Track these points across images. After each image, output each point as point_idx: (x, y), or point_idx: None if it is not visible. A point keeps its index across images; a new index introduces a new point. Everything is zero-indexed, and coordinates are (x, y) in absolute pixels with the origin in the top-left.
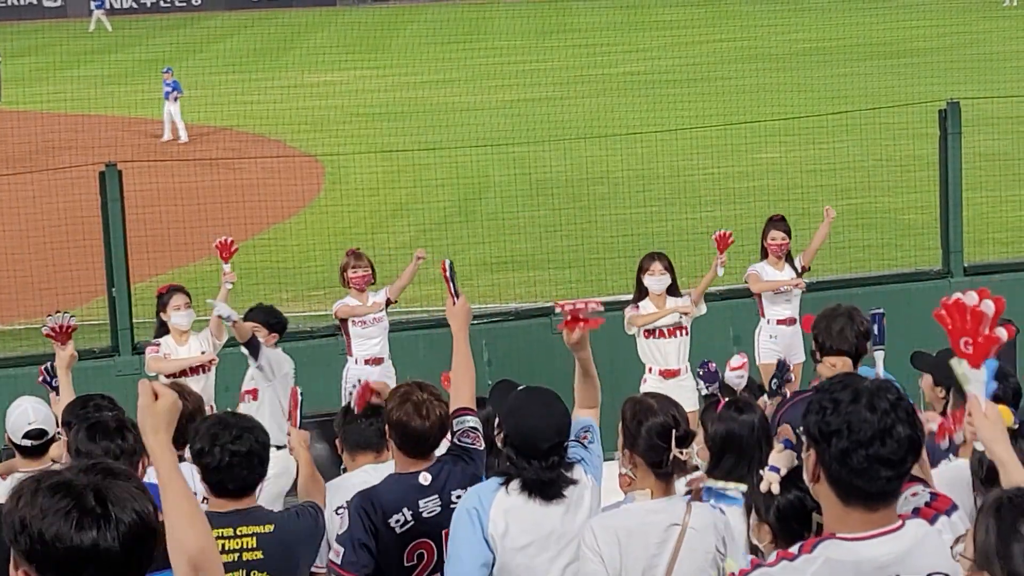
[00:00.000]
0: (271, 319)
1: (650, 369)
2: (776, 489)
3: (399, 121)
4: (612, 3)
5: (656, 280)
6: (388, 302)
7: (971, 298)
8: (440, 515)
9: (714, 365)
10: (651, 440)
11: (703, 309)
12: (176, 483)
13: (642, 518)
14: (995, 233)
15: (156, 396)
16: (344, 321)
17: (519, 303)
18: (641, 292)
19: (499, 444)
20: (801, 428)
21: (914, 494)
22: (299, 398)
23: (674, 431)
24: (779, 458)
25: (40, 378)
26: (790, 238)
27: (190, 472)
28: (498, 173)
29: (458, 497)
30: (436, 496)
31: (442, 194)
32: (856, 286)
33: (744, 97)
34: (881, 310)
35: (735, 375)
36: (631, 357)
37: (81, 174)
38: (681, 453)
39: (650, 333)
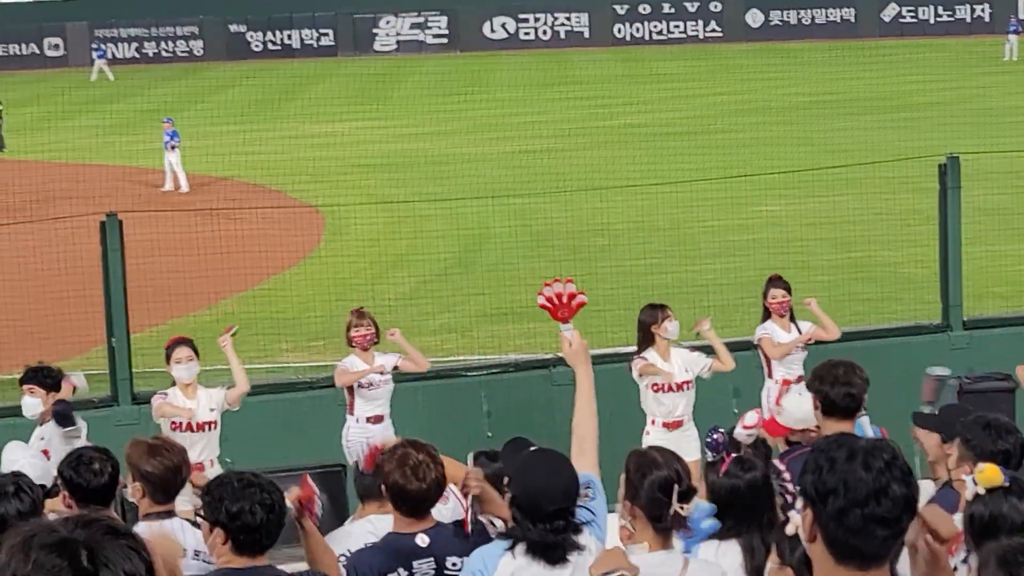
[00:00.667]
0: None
1: (653, 420)
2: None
3: (399, 172)
4: (612, 55)
5: (674, 324)
6: (395, 368)
7: None
8: None
9: (721, 436)
10: (653, 493)
11: (708, 374)
12: None
13: (640, 572)
14: (994, 287)
15: None
16: None
17: (519, 354)
18: (647, 341)
19: (507, 505)
20: (798, 487)
21: None
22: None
23: (676, 486)
24: None
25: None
26: (790, 295)
27: (180, 527)
28: (498, 224)
29: (453, 564)
30: (432, 559)
31: (442, 245)
32: (855, 339)
33: (744, 150)
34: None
35: (745, 433)
36: (631, 410)
37: (82, 224)
38: (682, 508)
39: (659, 388)
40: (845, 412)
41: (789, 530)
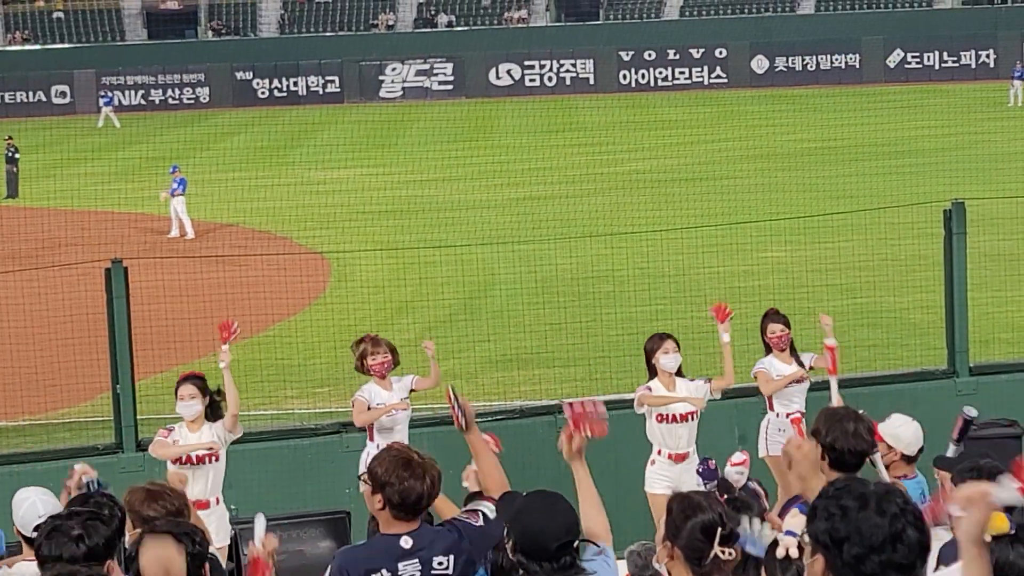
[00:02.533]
0: None
1: (659, 451)
2: (795, 553)
3: (405, 218)
4: (617, 102)
5: (670, 358)
6: (411, 390)
7: None
8: None
9: (714, 463)
10: (694, 535)
11: (717, 394)
12: None
13: None
14: (1001, 333)
15: None
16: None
17: (524, 401)
18: (652, 371)
19: (509, 554)
20: (805, 534)
21: None
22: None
23: (720, 530)
24: (795, 523)
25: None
26: (789, 329)
27: None
28: (504, 270)
29: (440, 563)
30: (416, 560)
31: (448, 291)
32: (861, 385)
33: (749, 196)
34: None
35: (735, 471)
36: (636, 457)
37: (87, 270)
38: (723, 552)
39: (663, 418)
40: (853, 467)
41: (780, 552)
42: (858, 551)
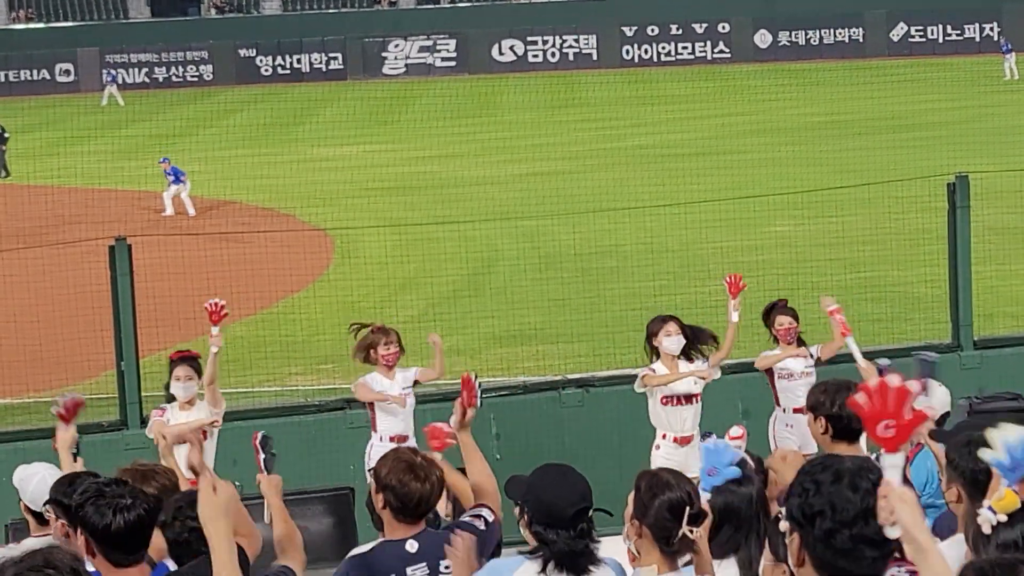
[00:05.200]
0: None
1: (664, 435)
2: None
3: (408, 195)
4: (620, 77)
5: (672, 340)
6: (415, 382)
7: (894, 379)
8: None
9: (714, 437)
10: (661, 514)
11: (717, 373)
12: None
13: None
14: (1005, 307)
15: (215, 489)
16: None
17: (528, 377)
18: (655, 352)
19: (523, 529)
20: (783, 512)
21: None
22: (259, 443)
23: (688, 508)
24: None
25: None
26: (797, 322)
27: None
28: (507, 247)
29: (446, 567)
30: (424, 564)
31: (451, 268)
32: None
33: (753, 171)
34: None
35: (733, 445)
36: (638, 431)
37: (91, 248)
38: (691, 532)
39: (668, 400)
40: (857, 435)
41: (783, 527)
42: (830, 525)
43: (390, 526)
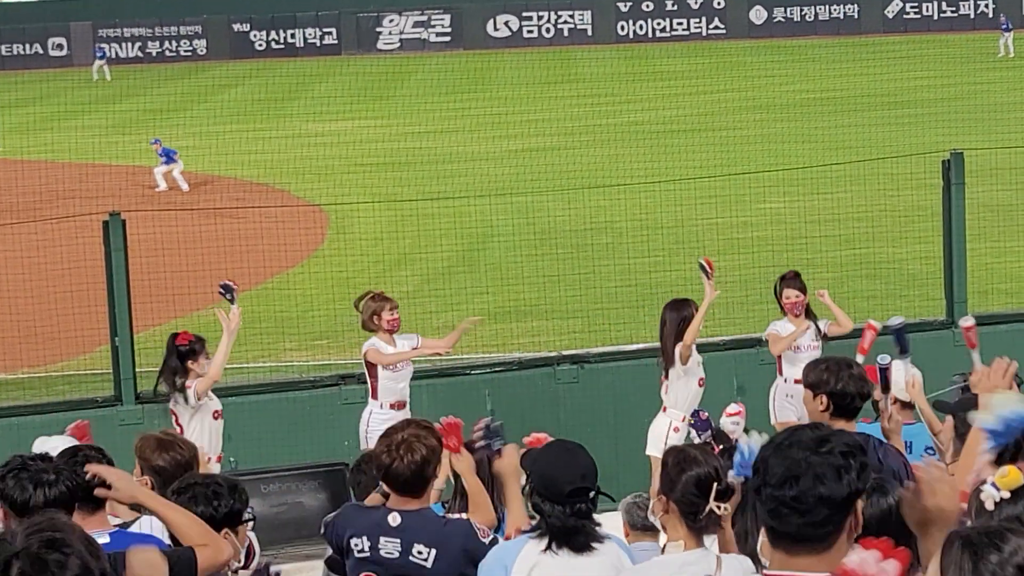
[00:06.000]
0: None
1: (683, 418)
2: None
3: (403, 170)
4: (615, 53)
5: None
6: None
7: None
8: (396, 560)
9: (706, 414)
10: (689, 489)
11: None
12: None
13: (676, 570)
14: (999, 284)
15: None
16: (372, 364)
17: (522, 353)
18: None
19: (528, 502)
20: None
21: None
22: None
23: (715, 484)
24: None
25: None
26: (805, 294)
27: (149, 524)
28: (502, 222)
29: (419, 552)
30: (398, 540)
31: (446, 243)
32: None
33: (747, 147)
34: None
35: (730, 421)
36: (635, 406)
37: (84, 223)
38: (718, 508)
39: (703, 382)
40: (855, 413)
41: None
42: (758, 483)
43: (392, 497)
